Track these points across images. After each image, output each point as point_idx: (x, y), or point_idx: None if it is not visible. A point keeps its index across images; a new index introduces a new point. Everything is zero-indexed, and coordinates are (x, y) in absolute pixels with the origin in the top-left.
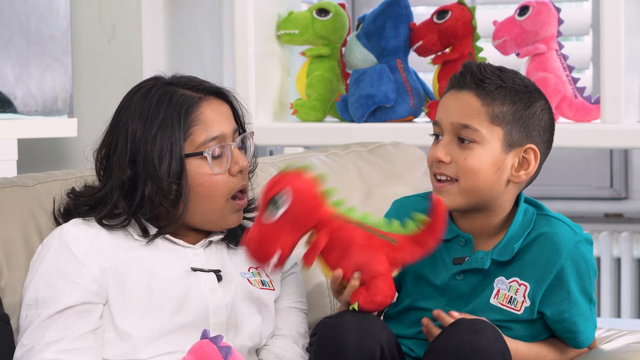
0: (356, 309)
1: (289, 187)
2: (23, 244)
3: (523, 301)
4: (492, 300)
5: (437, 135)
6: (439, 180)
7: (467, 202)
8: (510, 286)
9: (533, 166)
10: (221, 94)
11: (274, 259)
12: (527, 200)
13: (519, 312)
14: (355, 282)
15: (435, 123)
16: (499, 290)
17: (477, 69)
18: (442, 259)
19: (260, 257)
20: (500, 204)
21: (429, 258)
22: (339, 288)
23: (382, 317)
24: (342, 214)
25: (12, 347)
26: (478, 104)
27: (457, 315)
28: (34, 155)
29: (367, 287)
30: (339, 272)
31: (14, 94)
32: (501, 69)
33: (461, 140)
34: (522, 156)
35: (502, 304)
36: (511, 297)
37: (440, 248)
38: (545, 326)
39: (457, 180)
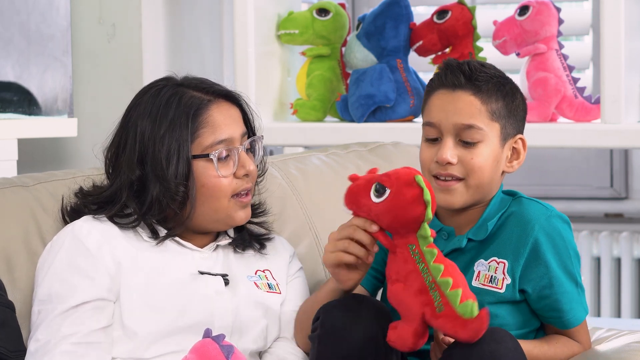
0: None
1: (394, 191)
2: (23, 243)
3: (503, 278)
4: (474, 283)
5: (432, 137)
6: (445, 180)
7: (472, 199)
8: (489, 266)
9: (523, 155)
10: (231, 97)
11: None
12: (506, 192)
13: (501, 291)
14: None
15: (430, 125)
16: (479, 272)
17: (467, 68)
18: None
19: (349, 199)
20: (491, 196)
21: None
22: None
23: None
24: (420, 249)
25: (19, 336)
26: (478, 102)
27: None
28: (34, 155)
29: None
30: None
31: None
32: (482, 64)
33: (465, 141)
34: (513, 147)
35: (484, 284)
36: (491, 276)
37: None
38: (533, 312)
39: (462, 179)
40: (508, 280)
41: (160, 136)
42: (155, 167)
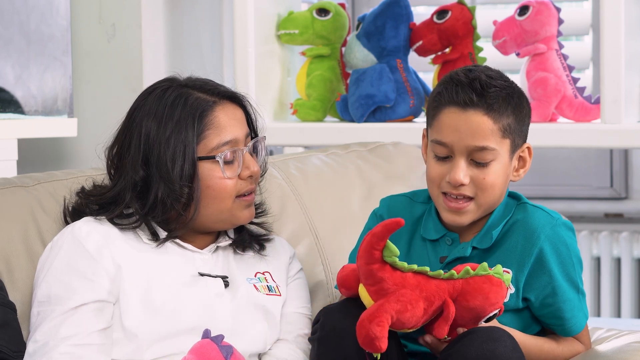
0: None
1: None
2: (23, 244)
3: (508, 288)
4: None
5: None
6: (456, 199)
7: (481, 214)
8: None
9: (529, 162)
10: (235, 99)
11: None
12: (509, 194)
13: (505, 300)
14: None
15: (441, 144)
16: None
17: (478, 85)
18: (428, 258)
19: None
20: (497, 206)
21: (416, 259)
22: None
23: None
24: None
25: (20, 337)
26: (490, 122)
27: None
28: (34, 155)
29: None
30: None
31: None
32: (488, 75)
33: (478, 162)
34: (520, 155)
35: None
36: None
37: (428, 248)
38: (534, 318)
39: (473, 197)
40: (512, 290)
41: (165, 137)
42: (160, 168)
